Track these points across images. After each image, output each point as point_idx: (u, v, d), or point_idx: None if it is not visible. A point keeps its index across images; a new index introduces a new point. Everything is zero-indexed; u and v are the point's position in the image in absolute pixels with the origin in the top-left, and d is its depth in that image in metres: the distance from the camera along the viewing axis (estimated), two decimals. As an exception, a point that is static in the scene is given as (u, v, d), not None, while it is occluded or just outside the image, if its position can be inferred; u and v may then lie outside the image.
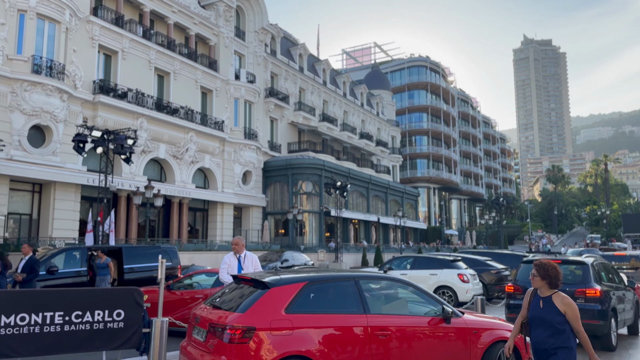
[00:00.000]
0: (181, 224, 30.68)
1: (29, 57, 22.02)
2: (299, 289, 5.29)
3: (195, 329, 5.41)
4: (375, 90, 61.64)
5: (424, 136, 71.20)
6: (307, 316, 5.10)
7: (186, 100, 31.14)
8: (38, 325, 6.40)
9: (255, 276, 5.73)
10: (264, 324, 4.86)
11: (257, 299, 5.08)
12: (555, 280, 4.23)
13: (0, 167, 20.41)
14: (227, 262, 7.77)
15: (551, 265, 4.25)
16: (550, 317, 4.18)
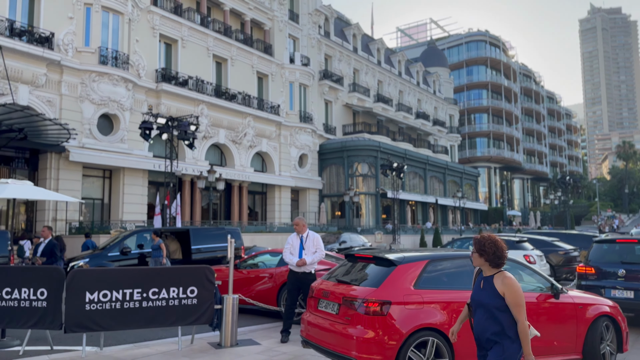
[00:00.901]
0: (241, 206, 31.50)
1: (95, 49, 23.10)
2: (423, 266, 5.67)
3: (323, 302, 5.82)
4: (431, 67, 60.10)
5: (483, 114, 68.89)
6: (433, 291, 5.49)
7: (243, 85, 31.69)
8: (119, 301, 6.82)
9: (376, 254, 6.12)
10: (397, 297, 5.25)
11: (388, 275, 5.48)
12: (495, 258, 3.58)
13: (73, 154, 21.68)
14: (290, 242, 7.92)
15: (490, 240, 3.60)
16: (487, 299, 3.61)
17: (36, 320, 6.75)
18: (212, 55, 30.06)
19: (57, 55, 21.48)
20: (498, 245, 3.57)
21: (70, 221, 21.99)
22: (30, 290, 6.80)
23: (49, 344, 7.21)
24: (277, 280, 9.78)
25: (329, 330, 5.53)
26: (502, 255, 3.58)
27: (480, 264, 3.65)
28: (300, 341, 7.35)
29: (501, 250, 3.57)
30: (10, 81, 19.89)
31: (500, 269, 3.60)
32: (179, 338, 7.21)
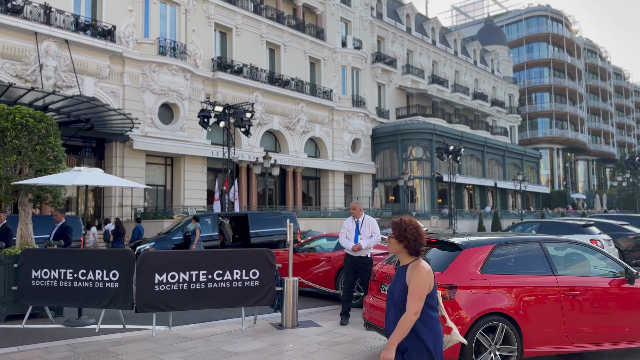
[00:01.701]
0: (296, 192, 31.86)
1: (154, 40, 23.85)
2: (490, 250, 5.57)
3: (385, 286, 5.84)
4: (489, 46, 57.89)
5: (545, 93, 65.78)
6: (500, 276, 5.40)
7: (296, 71, 31.81)
8: (186, 282, 7.08)
9: (440, 238, 6.07)
10: (464, 282, 5.20)
11: (453, 260, 5.42)
12: (415, 245, 3.10)
13: (137, 143, 22.63)
14: (346, 227, 7.90)
15: (411, 224, 3.14)
16: (397, 293, 3.12)
17: (109, 300, 7.14)
18: (266, 42, 30.31)
19: (119, 47, 22.37)
20: (420, 230, 3.14)
21: (135, 207, 23.04)
22: (104, 272, 7.19)
23: (121, 322, 7.61)
24: (334, 263, 9.84)
25: None
26: (422, 243, 3.13)
27: (397, 250, 3.15)
28: (359, 323, 7.40)
29: (422, 237, 3.15)
30: (76, 74, 20.94)
31: (417, 257, 3.13)
32: (242, 318, 7.41)
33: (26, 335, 6.98)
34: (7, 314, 7.83)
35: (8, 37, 19.19)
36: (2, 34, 19.03)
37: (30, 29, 19.48)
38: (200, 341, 6.60)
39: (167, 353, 6.02)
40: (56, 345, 6.40)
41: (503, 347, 5.18)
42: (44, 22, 20.03)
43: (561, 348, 5.44)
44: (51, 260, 7.36)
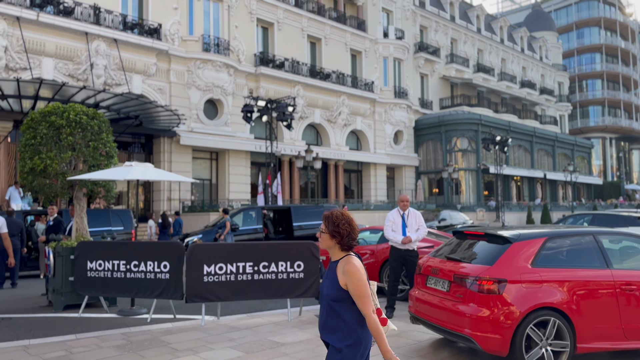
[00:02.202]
0: (337, 185, 31.87)
1: (199, 37, 24.33)
2: (541, 243, 5.42)
3: (431, 279, 5.80)
4: (537, 32, 55.81)
5: (597, 80, 62.89)
6: (552, 270, 5.25)
7: (337, 64, 31.73)
8: (233, 274, 7.23)
9: (488, 231, 5.97)
10: (513, 276, 5.08)
11: (502, 253, 5.31)
12: (348, 240, 2.91)
13: (183, 138, 23.21)
14: (391, 219, 7.82)
15: (344, 218, 2.94)
16: (327, 289, 2.95)
17: (160, 290, 7.38)
18: (307, 36, 30.36)
19: (165, 45, 22.94)
20: (353, 224, 2.96)
21: (182, 200, 23.68)
22: (155, 263, 7.44)
23: (172, 312, 7.86)
24: (378, 256, 9.79)
25: (439, 307, 5.47)
26: (354, 237, 2.96)
27: (329, 246, 2.96)
28: (404, 317, 7.34)
29: (355, 231, 2.97)
30: (125, 72, 21.64)
31: (348, 253, 2.96)
32: (288, 310, 7.51)
33: (83, 324, 7.32)
34: (65, 303, 8.22)
35: (61, 37, 20.03)
36: (55, 35, 19.87)
37: (81, 29, 20.26)
38: (248, 331, 6.73)
39: (216, 342, 6.17)
40: (111, 333, 6.68)
41: (555, 342, 5.02)
42: (94, 23, 20.79)
43: (616, 344, 5.24)
44: (105, 252, 7.67)
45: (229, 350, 5.81)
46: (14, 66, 18.83)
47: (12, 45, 18.80)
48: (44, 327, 7.14)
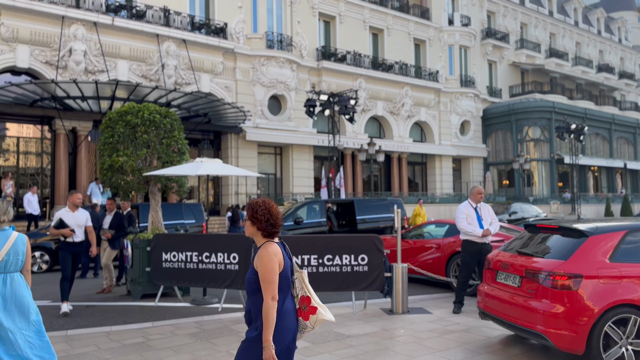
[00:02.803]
0: (401, 177, 31.49)
1: (262, 34, 24.82)
2: (621, 237, 5.15)
3: (501, 274, 5.67)
4: (615, 12, 52.08)
5: (686, 60, 57.80)
6: (633, 265, 4.98)
7: (399, 54, 31.27)
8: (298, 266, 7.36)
9: (562, 224, 5.76)
10: (590, 271, 4.87)
11: (578, 247, 5.10)
12: (266, 226, 2.95)
13: (249, 134, 23.83)
14: (465, 212, 7.61)
15: (263, 204, 2.99)
16: (247, 273, 3.02)
17: (230, 281, 7.65)
18: (369, 28, 30.14)
19: (230, 44, 23.61)
20: (272, 211, 3.00)
21: (249, 194, 24.35)
22: (225, 255, 7.72)
23: (241, 302, 8.12)
24: (445, 250, 9.60)
25: (509, 303, 5.30)
26: (275, 224, 2.99)
27: (252, 233, 3.02)
28: (472, 312, 7.17)
29: (275, 218, 2.99)
30: (194, 71, 22.49)
31: (269, 239, 2.99)
32: (352, 302, 7.55)
33: (159, 312, 7.73)
34: (142, 292, 8.72)
35: (134, 40, 21.12)
36: (129, 38, 20.98)
37: (152, 31, 21.25)
38: (313, 323, 6.83)
39: (282, 333, 6.31)
40: (185, 322, 7.01)
41: (636, 341, 4.74)
42: (164, 24, 21.74)
43: None
44: (179, 244, 8.05)
45: (295, 341, 5.94)
46: (93, 69, 20.08)
47: (91, 50, 20.05)
48: (124, 315, 7.62)
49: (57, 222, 7.57)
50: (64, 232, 7.52)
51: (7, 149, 20.26)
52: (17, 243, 4.22)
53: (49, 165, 20.75)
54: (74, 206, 7.79)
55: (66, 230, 7.51)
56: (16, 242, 4.22)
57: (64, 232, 7.52)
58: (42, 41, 19.16)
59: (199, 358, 5.35)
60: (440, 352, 5.53)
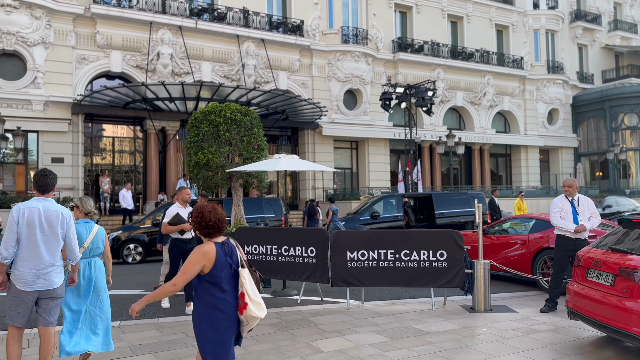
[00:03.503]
0: (483, 170, 30.35)
1: (338, 30, 24.92)
2: None
3: (593, 272, 5.42)
4: None
5: None
6: None
7: (480, 42, 30.08)
8: (375, 260, 7.37)
9: None
10: None
11: None
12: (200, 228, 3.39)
13: (325, 129, 24.07)
14: (559, 206, 7.22)
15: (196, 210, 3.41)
16: None
17: (308, 274, 7.81)
18: (447, 16, 29.27)
19: (307, 41, 23.94)
20: (204, 215, 3.38)
21: (326, 189, 24.64)
22: (303, 249, 7.89)
23: (319, 295, 8.28)
24: (531, 247, 9.15)
25: (601, 303, 4.99)
26: (208, 225, 3.37)
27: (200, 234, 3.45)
28: (560, 312, 6.79)
29: (207, 220, 3.37)
30: (272, 69, 23.06)
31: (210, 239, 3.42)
32: (432, 299, 7.43)
33: (242, 302, 8.05)
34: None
35: (216, 42, 22.03)
36: (211, 40, 21.91)
37: (232, 32, 22.05)
38: (391, 317, 6.82)
39: (361, 326, 6.37)
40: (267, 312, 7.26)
41: None
42: (244, 25, 22.47)
43: None
44: (260, 237, 8.34)
45: (373, 335, 5.96)
46: (179, 71, 21.21)
47: (176, 53, 21.18)
48: (210, 303, 8.02)
49: (174, 218, 7.33)
50: (184, 226, 7.29)
51: (103, 148, 21.98)
52: (98, 234, 5.16)
53: (141, 163, 22.24)
54: (184, 202, 7.60)
55: (186, 224, 7.25)
56: (97, 233, 5.16)
57: (184, 227, 7.29)
58: (133, 46, 20.53)
59: (280, 348, 5.53)
60: (525, 352, 5.31)
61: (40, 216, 4.31)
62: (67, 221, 4.47)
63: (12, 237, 4.24)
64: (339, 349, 5.45)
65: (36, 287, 4.29)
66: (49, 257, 4.33)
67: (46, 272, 4.33)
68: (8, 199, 16.99)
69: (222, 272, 3.34)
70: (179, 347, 5.59)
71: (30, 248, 4.27)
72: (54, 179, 4.53)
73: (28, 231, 4.27)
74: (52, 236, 4.35)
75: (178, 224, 7.30)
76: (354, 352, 5.34)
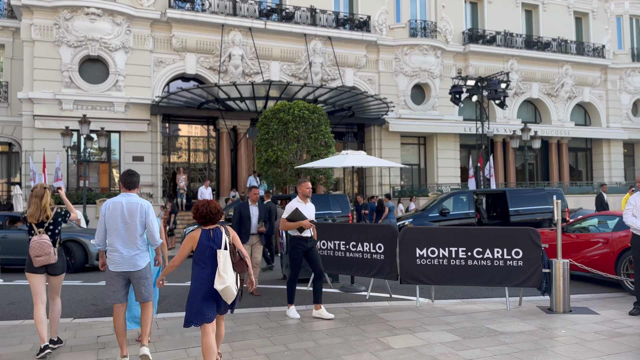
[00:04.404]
0: (561, 165, 28.80)
1: (405, 23, 24.57)
2: None
3: None
4: None
5: None
6: None
7: (557, 31, 28.52)
8: (445, 258, 7.22)
9: None
10: None
11: None
12: (196, 217, 4.46)
13: (392, 125, 23.83)
14: (633, 203, 6.77)
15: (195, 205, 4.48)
16: None
17: (376, 270, 7.79)
18: (521, 4, 28.03)
19: (373, 36, 23.80)
20: (199, 208, 4.40)
21: (393, 185, 24.40)
22: (371, 245, 7.88)
23: (387, 292, 8.24)
24: (614, 246, 8.59)
25: None
26: (201, 216, 4.38)
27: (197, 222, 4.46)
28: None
29: (199, 212, 4.38)
30: (338, 66, 23.14)
31: (202, 226, 4.42)
32: (506, 298, 7.17)
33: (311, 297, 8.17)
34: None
35: (284, 41, 22.43)
36: (280, 40, 22.33)
37: (300, 31, 22.35)
38: (463, 317, 6.66)
39: (431, 324, 6.27)
40: (335, 307, 7.34)
41: None
42: (311, 24, 22.71)
43: None
44: (327, 233, 8.42)
45: (445, 334, 5.85)
46: (249, 72, 21.81)
47: (247, 54, 21.79)
48: (280, 297, 8.22)
49: (294, 214, 6.66)
50: (303, 223, 6.63)
51: (179, 147, 23.06)
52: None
53: (214, 160, 23.13)
54: (304, 197, 6.92)
55: (306, 221, 6.64)
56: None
57: (303, 224, 6.63)
58: (206, 49, 21.36)
59: (350, 342, 5.57)
60: (608, 356, 5.01)
61: (122, 208, 4.96)
62: (146, 211, 5.03)
63: (101, 227, 5.02)
64: (410, 346, 5.40)
65: (124, 269, 4.97)
66: (132, 243, 4.98)
67: (130, 255, 4.97)
68: (93, 196, 18.28)
69: (203, 253, 4.27)
70: (253, 338, 5.78)
71: (116, 235, 4.96)
72: (138, 177, 5.23)
73: (113, 222, 4.96)
74: (133, 225, 4.96)
75: (297, 220, 6.64)
76: (425, 350, 5.27)
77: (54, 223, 5.40)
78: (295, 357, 5.09)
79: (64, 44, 19.25)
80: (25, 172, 18.97)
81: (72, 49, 19.37)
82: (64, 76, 19.29)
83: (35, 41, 19.12)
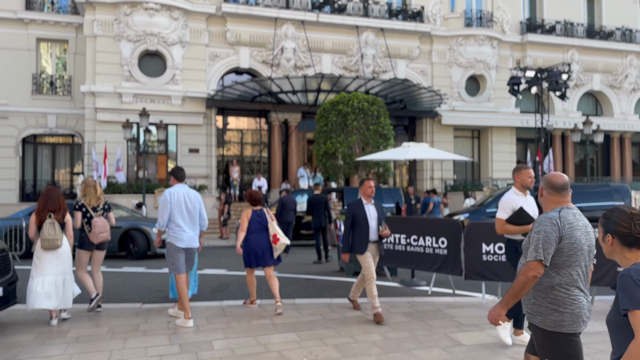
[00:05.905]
0: (623, 160, 27.39)
1: (460, 13, 23.93)
2: None
3: None
4: None
5: None
6: None
7: (621, 19, 27.05)
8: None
9: None
10: None
11: None
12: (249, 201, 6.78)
13: (445, 118, 23.32)
14: None
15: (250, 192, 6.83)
16: None
17: (439, 265, 7.65)
18: (583, -8, 26.73)
19: (427, 27, 23.32)
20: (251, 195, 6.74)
21: (444, 179, 23.93)
22: (433, 239, 7.74)
23: (450, 287, 8.08)
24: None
25: None
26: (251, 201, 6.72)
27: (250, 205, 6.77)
28: None
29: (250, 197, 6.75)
30: (390, 58, 22.84)
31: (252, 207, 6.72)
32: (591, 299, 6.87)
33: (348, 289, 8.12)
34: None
35: (336, 34, 22.33)
36: (331, 32, 22.25)
37: (352, 23, 22.19)
38: (533, 315, 6.44)
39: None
40: (397, 301, 7.26)
41: None
42: (363, 15, 22.50)
43: None
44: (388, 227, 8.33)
45: (515, 332, 5.68)
46: (301, 65, 21.87)
47: (299, 47, 21.85)
48: (340, 289, 8.23)
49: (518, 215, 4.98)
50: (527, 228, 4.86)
51: (232, 140, 23.46)
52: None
53: (266, 153, 23.39)
54: (524, 188, 5.23)
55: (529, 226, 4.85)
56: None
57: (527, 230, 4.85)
58: (259, 42, 21.56)
59: (417, 337, 5.49)
60: None
61: (185, 197, 6.04)
62: (199, 199, 6.22)
63: (166, 212, 5.97)
64: (480, 344, 5.27)
65: (187, 245, 6.04)
66: (194, 225, 6.12)
67: (193, 234, 6.09)
68: (152, 186, 18.87)
69: (253, 225, 6.54)
70: (318, 328, 5.81)
71: (182, 219, 6.00)
72: (185, 172, 6.37)
73: (179, 207, 5.99)
74: (194, 210, 6.09)
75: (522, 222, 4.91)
76: (497, 348, 5.13)
77: (103, 209, 6.59)
78: (364, 349, 5.07)
79: (124, 39, 19.91)
80: (87, 163, 19.81)
81: (131, 43, 20.01)
82: (123, 70, 19.97)
83: (97, 36, 19.86)
